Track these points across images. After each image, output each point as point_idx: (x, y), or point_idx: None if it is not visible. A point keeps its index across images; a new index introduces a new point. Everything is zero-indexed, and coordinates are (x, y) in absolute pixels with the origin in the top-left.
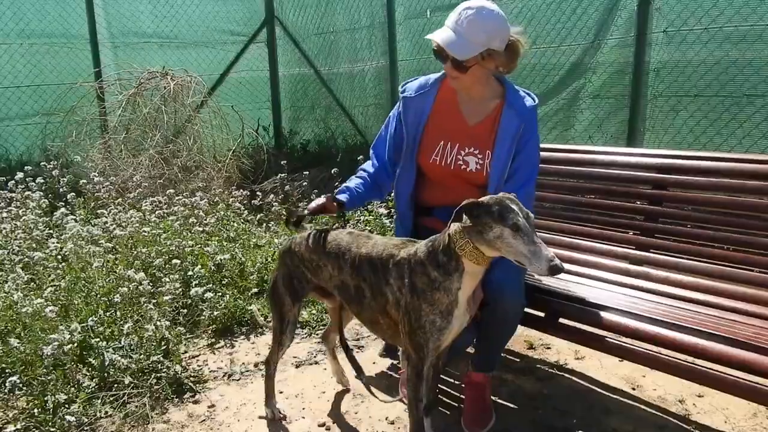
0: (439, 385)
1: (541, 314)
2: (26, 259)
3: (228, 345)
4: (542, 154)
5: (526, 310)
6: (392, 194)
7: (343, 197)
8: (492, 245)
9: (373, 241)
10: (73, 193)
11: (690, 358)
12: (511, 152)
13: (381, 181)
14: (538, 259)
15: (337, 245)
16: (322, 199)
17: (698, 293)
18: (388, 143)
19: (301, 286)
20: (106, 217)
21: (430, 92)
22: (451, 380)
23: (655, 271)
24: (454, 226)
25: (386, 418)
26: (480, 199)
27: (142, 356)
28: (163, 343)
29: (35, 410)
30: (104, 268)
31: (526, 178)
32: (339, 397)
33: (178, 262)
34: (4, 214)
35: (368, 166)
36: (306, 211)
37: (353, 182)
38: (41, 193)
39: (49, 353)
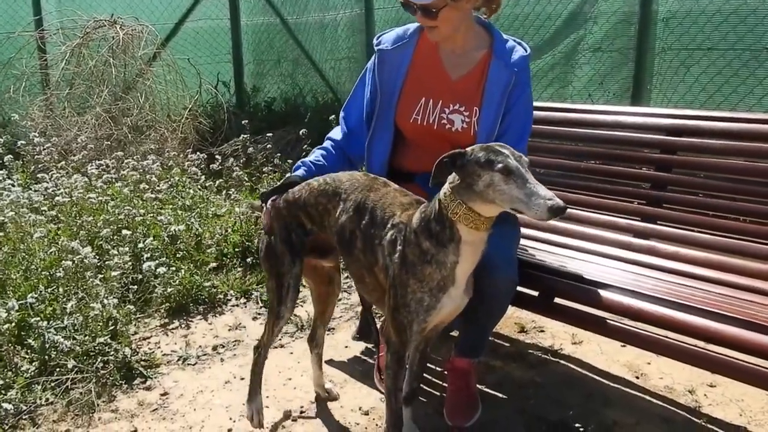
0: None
1: (534, 293)
2: None
3: (183, 326)
4: (536, 113)
5: (518, 288)
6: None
7: (299, 173)
8: (484, 197)
9: (387, 189)
10: (11, 156)
11: (701, 343)
12: (501, 109)
13: (352, 151)
14: (535, 201)
15: (351, 186)
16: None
17: (710, 270)
18: (366, 104)
19: (300, 239)
20: (47, 182)
21: (408, 44)
22: (433, 366)
23: (663, 246)
24: (444, 189)
25: (360, 408)
26: (464, 149)
27: (87, 338)
28: (110, 323)
29: None
30: (45, 239)
31: (517, 138)
32: (307, 385)
33: (128, 233)
34: None
35: (336, 133)
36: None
37: (314, 155)
38: None
39: None
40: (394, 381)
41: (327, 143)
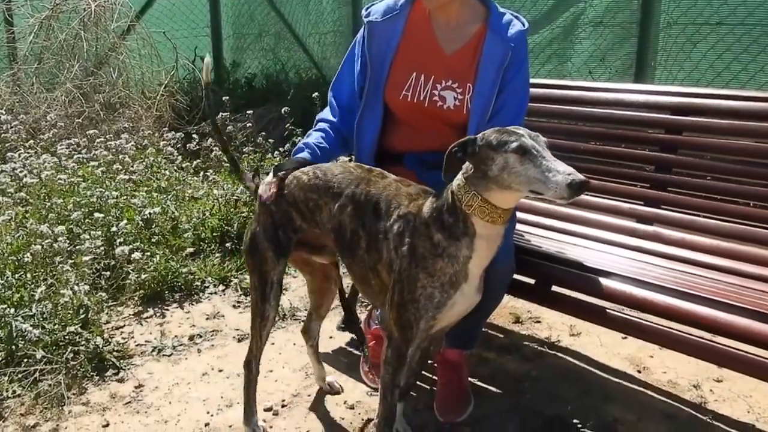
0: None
1: (531, 281)
2: None
3: (158, 314)
4: (533, 90)
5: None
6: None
7: (304, 155)
8: (500, 183)
9: (387, 181)
10: None
11: (707, 335)
12: (496, 86)
13: (348, 132)
14: (553, 177)
15: (345, 179)
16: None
17: (718, 257)
18: (357, 79)
19: (287, 237)
20: (14, 162)
21: (399, 16)
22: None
23: (667, 231)
24: (457, 179)
25: (345, 402)
26: (475, 135)
27: (56, 326)
28: (81, 311)
29: None
30: (13, 223)
31: (512, 116)
32: (289, 377)
33: (100, 216)
34: None
35: (327, 114)
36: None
37: (313, 137)
38: None
39: None
40: (392, 377)
41: (322, 125)
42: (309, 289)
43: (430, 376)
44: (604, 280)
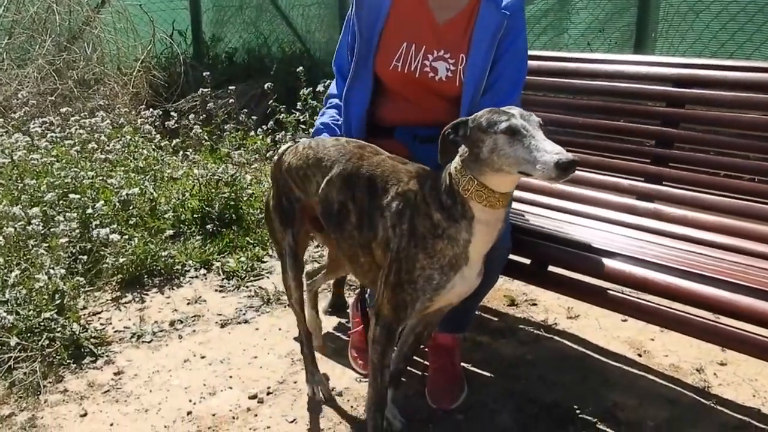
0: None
1: (526, 261)
2: None
3: (137, 299)
4: (529, 63)
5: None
6: None
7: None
8: (491, 165)
9: (381, 158)
10: None
11: (710, 315)
12: (490, 56)
13: None
14: (540, 157)
15: (335, 151)
16: None
17: (722, 235)
18: (350, 51)
19: (291, 206)
20: None
21: None
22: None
23: (669, 209)
24: (455, 162)
25: (333, 389)
26: (466, 117)
27: (31, 312)
28: (57, 296)
29: None
30: None
31: (508, 89)
32: (275, 363)
33: (76, 197)
34: None
35: (335, 88)
36: None
37: (328, 116)
38: None
39: None
40: (381, 357)
41: (333, 101)
42: (329, 256)
43: (422, 361)
44: (603, 260)
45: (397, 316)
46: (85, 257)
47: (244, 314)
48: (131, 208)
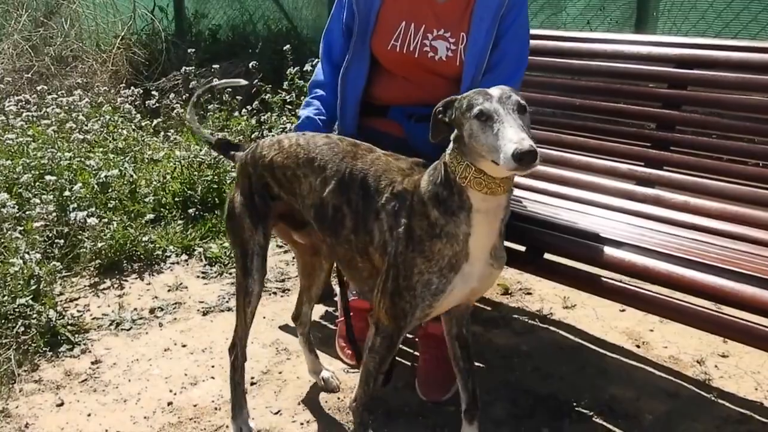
0: None
1: (521, 248)
2: None
3: (116, 286)
4: None
5: None
6: None
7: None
8: (472, 150)
9: (375, 155)
10: None
11: (712, 305)
12: (492, 35)
13: None
14: (502, 145)
15: (328, 150)
16: None
17: (724, 222)
18: (344, 31)
19: (265, 204)
20: None
21: None
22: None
23: (670, 195)
24: (449, 148)
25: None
26: (454, 96)
27: (5, 298)
28: (32, 282)
29: None
30: None
31: (511, 70)
32: (259, 353)
33: (52, 179)
34: None
35: (320, 74)
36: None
37: (312, 108)
38: None
39: None
40: (378, 366)
41: (319, 91)
42: (298, 266)
43: (412, 351)
44: (601, 247)
45: (397, 325)
46: (62, 241)
47: (227, 302)
48: (110, 190)
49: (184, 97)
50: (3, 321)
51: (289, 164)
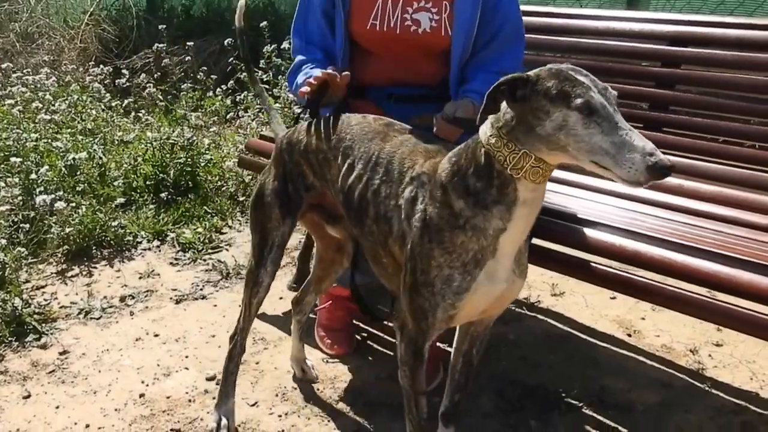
0: (369, 328)
1: None
2: None
3: (84, 273)
4: None
5: None
6: None
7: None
8: (552, 143)
9: (405, 136)
10: None
11: (706, 292)
12: (479, 4)
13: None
14: (628, 155)
15: (359, 131)
16: (319, 72)
17: (720, 206)
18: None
19: (298, 194)
20: None
21: None
22: (385, 323)
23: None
24: (486, 131)
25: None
26: (526, 73)
27: None
28: None
29: None
30: None
31: (514, 40)
32: None
33: (18, 160)
34: None
35: (300, 58)
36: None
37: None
38: None
39: None
40: (412, 381)
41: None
42: (316, 258)
43: (393, 340)
44: (590, 231)
45: (419, 327)
46: (28, 226)
47: (201, 289)
48: (78, 173)
49: (155, 75)
50: None
51: (321, 147)
